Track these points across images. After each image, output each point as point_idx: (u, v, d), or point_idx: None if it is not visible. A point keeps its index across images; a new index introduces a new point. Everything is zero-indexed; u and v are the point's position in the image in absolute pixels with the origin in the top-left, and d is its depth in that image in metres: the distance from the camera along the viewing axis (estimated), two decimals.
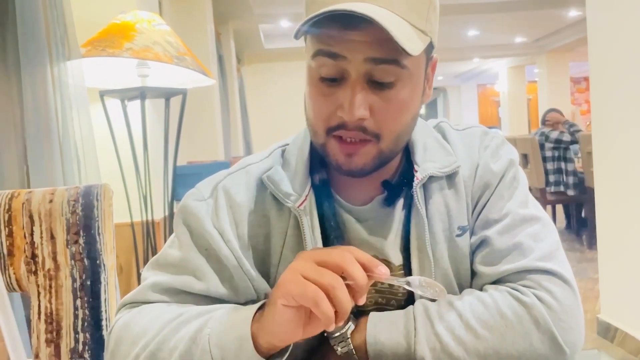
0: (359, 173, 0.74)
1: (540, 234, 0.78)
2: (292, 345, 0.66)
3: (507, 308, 0.72)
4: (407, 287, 0.64)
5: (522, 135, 6.97)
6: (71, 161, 1.71)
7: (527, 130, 12.13)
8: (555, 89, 11.01)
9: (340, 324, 0.60)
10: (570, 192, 5.22)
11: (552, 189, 5.34)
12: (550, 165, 5.43)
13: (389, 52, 0.67)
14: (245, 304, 0.75)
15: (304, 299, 0.58)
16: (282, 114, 8.23)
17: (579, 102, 13.65)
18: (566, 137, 5.22)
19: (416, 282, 0.64)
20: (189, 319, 0.70)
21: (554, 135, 5.28)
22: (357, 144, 0.72)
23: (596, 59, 2.70)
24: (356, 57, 0.68)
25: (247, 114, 7.36)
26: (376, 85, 0.70)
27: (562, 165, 5.33)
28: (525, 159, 5.42)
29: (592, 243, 4.59)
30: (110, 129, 1.99)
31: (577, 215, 5.52)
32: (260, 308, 0.67)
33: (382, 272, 0.61)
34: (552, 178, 5.40)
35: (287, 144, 0.87)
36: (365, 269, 0.60)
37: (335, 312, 0.58)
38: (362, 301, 0.61)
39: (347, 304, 0.58)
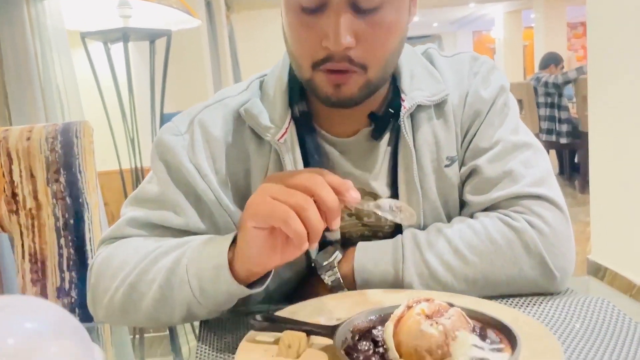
0: (347, 104, 0.71)
1: (531, 160, 0.76)
2: (272, 272, 0.65)
3: (497, 233, 0.71)
4: (376, 211, 0.63)
5: (517, 81, 6.90)
6: (54, 105, 1.67)
7: (523, 77, 12.02)
8: (552, 34, 10.85)
9: (314, 246, 0.58)
10: (564, 140, 5.19)
11: (544, 137, 5.31)
12: (542, 112, 5.39)
13: None
14: None
15: (273, 219, 0.56)
16: (273, 61, 8.04)
17: (575, 48, 13.49)
18: (560, 78, 5.14)
19: (386, 206, 0.62)
20: (167, 251, 0.68)
21: (551, 79, 5.21)
22: (345, 74, 0.69)
23: (594, 3, 2.65)
24: None
25: (237, 61, 7.21)
26: (360, 11, 0.66)
27: (556, 112, 5.28)
28: (519, 104, 5.37)
29: (584, 188, 4.62)
30: (94, 72, 1.94)
31: (570, 161, 5.52)
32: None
33: (353, 196, 0.59)
34: (544, 125, 5.37)
35: (264, 76, 0.83)
36: (337, 192, 0.58)
37: (308, 234, 0.56)
38: (335, 225, 0.58)
39: (319, 224, 0.56)
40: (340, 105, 0.71)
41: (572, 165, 5.43)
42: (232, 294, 0.64)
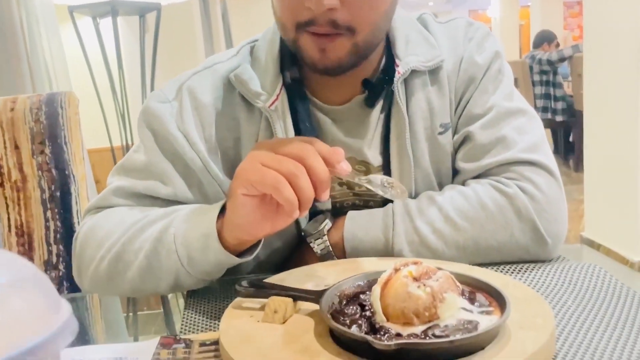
0: (335, 70, 0.69)
1: (525, 127, 0.75)
2: (262, 241, 0.64)
3: (488, 199, 0.70)
4: (368, 186, 0.61)
5: (512, 60, 6.86)
6: (42, 80, 1.64)
7: (519, 57, 11.97)
8: (548, 13, 10.78)
9: (305, 214, 0.57)
10: (559, 118, 5.19)
11: (540, 115, 5.28)
12: (538, 90, 5.37)
13: None
14: None
15: (263, 185, 0.55)
16: None
17: (571, 27, 13.41)
18: (555, 55, 5.11)
19: (377, 181, 0.61)
20: (154, 220, 0.67)
21: (545, 56, 5.18)
22: (330, 37, 0.66)
23: None
24: None
25: (230, 35, 7.13)
26: None
27: (551, 90, 5.27)
28: (515, 83, 5.33)
29: (578, 166, 4.62)
30: (82, 47, 1.91)
31: (565, 140, 5.52)
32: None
33: (344, 167, 0.57)
34: (539, 103, 5.35)
35: (256, 41, 0.81)
36: (327, 163, 0.56)
37: (299, 201, 0.54)
38: (324, 196, 0.57)
39: (310, 191, 0.54)
40: (327, 71, 0.70)
41: (567, 143, 5.43)
42: (221, 263, 0.63)
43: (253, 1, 8.99)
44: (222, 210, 0.62)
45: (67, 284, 0.96)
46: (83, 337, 0.63)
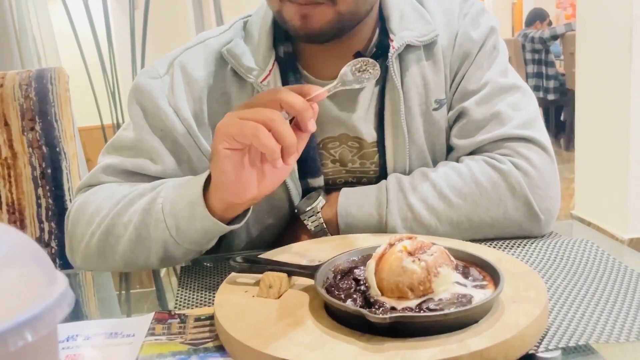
0: (317, 38, 0.69)
1: (520, 103, 0.75)
2: (251, 209, 0.64)
3: (481, 175, 0.70)
4: (344, 87, 0.60)
5: (505, 38, 6.83)
6: (30, 57, 1.62)
7: (511, 35, 11.90)
8: None
9: (290, 162, 0.56)
10: (551, 97, 5.19)
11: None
12: (530, 69, 5.36)
13: None
14: None
15: (243, 135, 0.55)
16: None
17: (564, 6, 13.32)
18: (547, 34, 5.10)
19: (349, 75, 0.60)
20: (142, 193, 0.67)
21: (537, 34, 5.16)
22: (311, 5, 0.66)
23: None
24: None
25: (222, 18, 7.07)
26: None
27: (543, 69, 5.26)
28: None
29: (569, 145, 4.64)
30: (72, 24, 1.87)
31: (556, 119, 5.53)
32: None
33: (317, 90, 0.58)
34: (531, 82, 5.34)
35: (247, 17, 0.80)
36: (302, 95, 0.57)
37: (282, 149, 0.55)
38: (311, 125, 0.57)
39: (290, 136, 0.55)
40: (310, 39, 0.69)
41: (558, 122, 5.44)
42: (208, 232, 0.63)
43: None
44: (209, 179, 0.62)
45: (59, 261, 0.96)
46: (77, 314, 0.63)
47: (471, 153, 0.75)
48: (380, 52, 0.75)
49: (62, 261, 0.95)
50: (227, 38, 0.78)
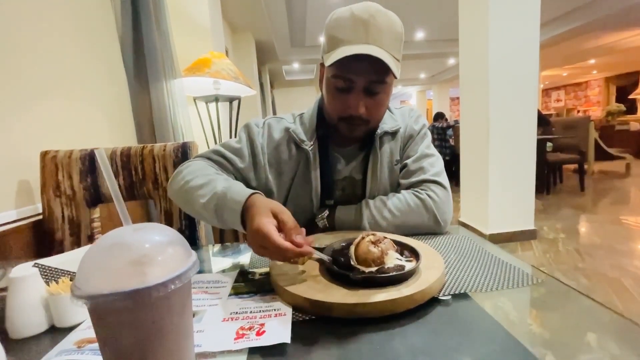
0: (356, 139, 0.70)
1: (434, 163, 0.74)
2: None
3: (411, 201, 0.69)
4: (322, 256, 0.50)
5: None
6: (178, 137, 1.65)
7: None
8: (441, 103, 10.81)
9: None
10: (447, 158, 5.16)
11: None
12: (436, 143, 5.34)
13: (380, 76, 0.63)
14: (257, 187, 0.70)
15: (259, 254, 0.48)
16: None
17: (453, 110, 13.41)
18: (445, 125, 5.13)
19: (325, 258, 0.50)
20: (215, 180, 0.62)
21: (441, 125, 5.19)
22: (357, 125, 0.67)
23: (463, 87, 2.66)
24: (360, 79, 0.63)
25: (275, 111, 7.15)
26: (369, 94, 0.65)
27: (443, 143, 5.26)
28: None
29: (458, 182, 4.58)
30: (200, 118, 1.92)
31: (451, 169, 5.48)
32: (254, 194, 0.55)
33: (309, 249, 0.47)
34: (437, 150, 5.30)
35: (303, 113, 0.80)
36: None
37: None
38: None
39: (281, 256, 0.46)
40: (351, 140, 0.70)
41: (451, 171, 5.40)
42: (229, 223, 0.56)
43: (287, 92, 9.03)
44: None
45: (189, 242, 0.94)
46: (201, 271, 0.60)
47: (407, 188, 0.74)
48: (371, 134, 0.75)
49: (190, 243, 0.94)
50: (292, 123, 0.77)
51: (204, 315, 0.43)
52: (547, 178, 3.95)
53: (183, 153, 0.96)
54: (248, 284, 0.51)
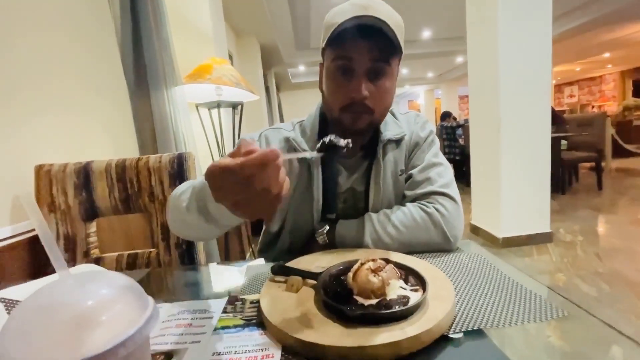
0: (359, 132, 0.65)
1: (443, 173, 0.69)
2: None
3: (417, 215, 0.64)
4: (314, 154, 0.46)
5: None
6: (180, 144, 1.63)
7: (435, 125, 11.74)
8: (450, 102, 10.65)
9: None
10: (457, 158, 5.06)
11: (446, 156, 5.14)
12: (446, 143, 5.25)
13: (383, 55, 0.60)
14: None
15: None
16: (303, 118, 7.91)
17: (462, 109, 13.20)
18: (454, 124, 5.02)
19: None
20: (193, 182, 0.56)
21: (450, 124, 5.08)
22: (360, 114, 0.63)
23: (472, 85, 2.59)
24: (362, 58, 0.59)
25: (282, 116, 7.16)
26: (372, 77, 0.61)
27: (453, 142, 5.15)
28: None
29: (468, 183, 4.48)
30: (202, 125, 1.89)
31: (461, 169, 5.37)
32: None
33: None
34: (446, 150, 5.22)
35: (303, 120, 0.77)
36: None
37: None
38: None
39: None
40: (354, 133, 0.65)
41: (462, 172, 5.28)
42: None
43: (293, 95, 9.02)
44: None
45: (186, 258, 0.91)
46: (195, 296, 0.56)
47: (413, 200, 0.69)
48: (374, 142, 0.71)
49: (187, 258, 0.91)
50: (291, 131, 0.74)
51: (184, 356, 0.39)
52: (563, 177, 3.81)
53: (179, 164, 0.93)
54: (237, 315, 0.47)
